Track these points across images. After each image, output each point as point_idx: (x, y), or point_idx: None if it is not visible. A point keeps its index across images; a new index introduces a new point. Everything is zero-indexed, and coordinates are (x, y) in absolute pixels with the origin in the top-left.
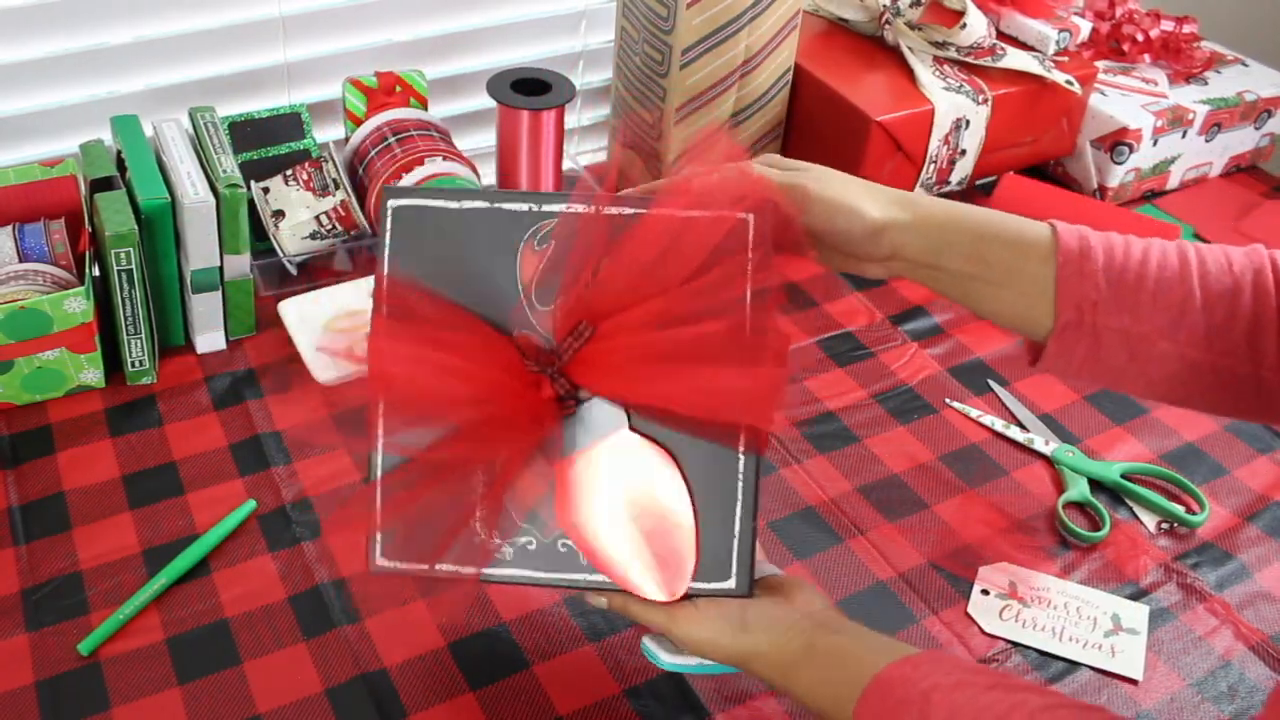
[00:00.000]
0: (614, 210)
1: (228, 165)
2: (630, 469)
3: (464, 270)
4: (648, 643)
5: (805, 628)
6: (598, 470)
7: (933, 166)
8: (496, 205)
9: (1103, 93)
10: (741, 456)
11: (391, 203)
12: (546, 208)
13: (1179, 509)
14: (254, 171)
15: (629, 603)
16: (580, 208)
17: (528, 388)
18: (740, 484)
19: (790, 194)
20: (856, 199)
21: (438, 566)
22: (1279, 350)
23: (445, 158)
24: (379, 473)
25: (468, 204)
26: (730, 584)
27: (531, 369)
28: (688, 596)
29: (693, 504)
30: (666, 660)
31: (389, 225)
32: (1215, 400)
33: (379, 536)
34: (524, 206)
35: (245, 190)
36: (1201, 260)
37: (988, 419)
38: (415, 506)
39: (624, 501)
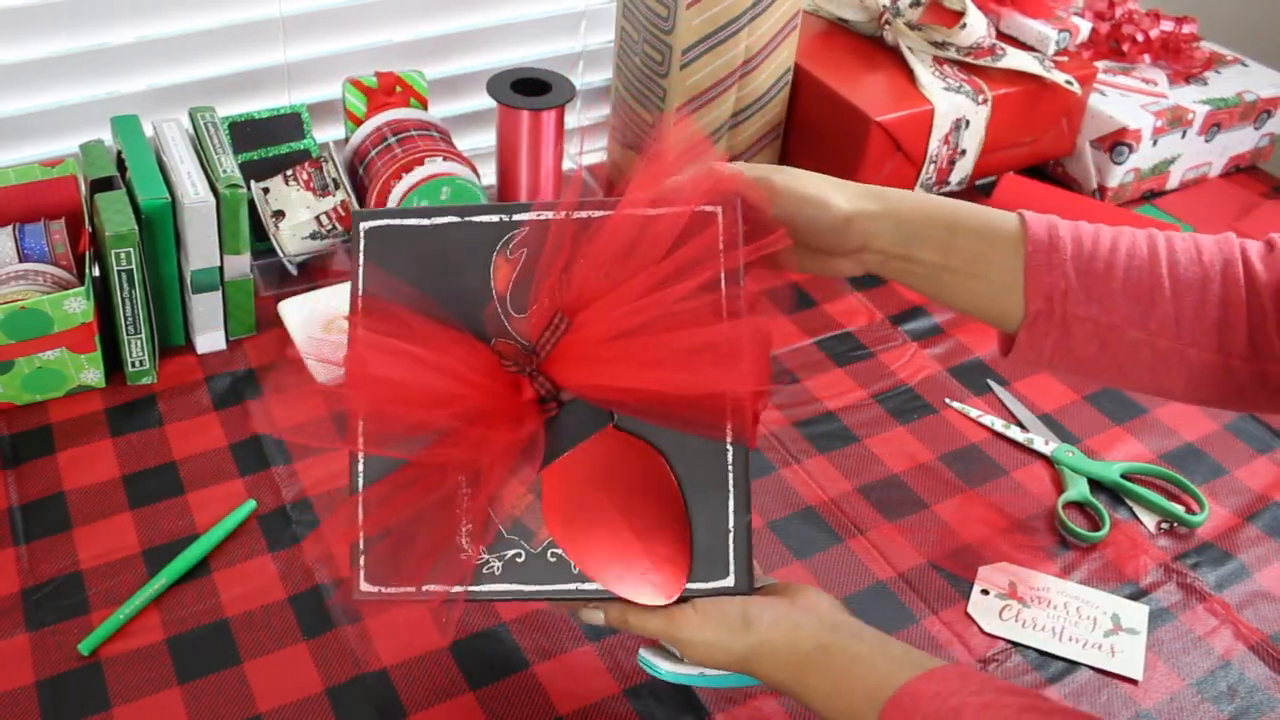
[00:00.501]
0: (582, 214)
1: (228, 165)
2: (617, 468)
3: (439, 285)
4: (645, 654)
5: (816, 629)
6: (584, 472)
7: (933, 167)
8: (467, 219)
9: (1102, 93)
10: (729, 448)
11: (364, 224)
12: (516, 217)
13: (1179, 509)
14: (254, 171)
15: (626, 613)
16: (548, 214)
17: (508, 390)
18: (730, 476)
19: (757, 187)
20: (823, 190)
21: (424, 588)
22: (1248, 339)
23: (445, 158)
24: (361, 484)
25: (438, 220)
26: (729, 581)
27: (510, 369)
28: (686, 599)
29: (684, 502)
30: (666, 671)
31: (362, 247)
32: (1185, 388)
33: (362, 561)
34: (494, 218)
35: (245, 190)
36: (1171, 249)
37: (987, 419)
38: (398, 520)
39: (613, 503)
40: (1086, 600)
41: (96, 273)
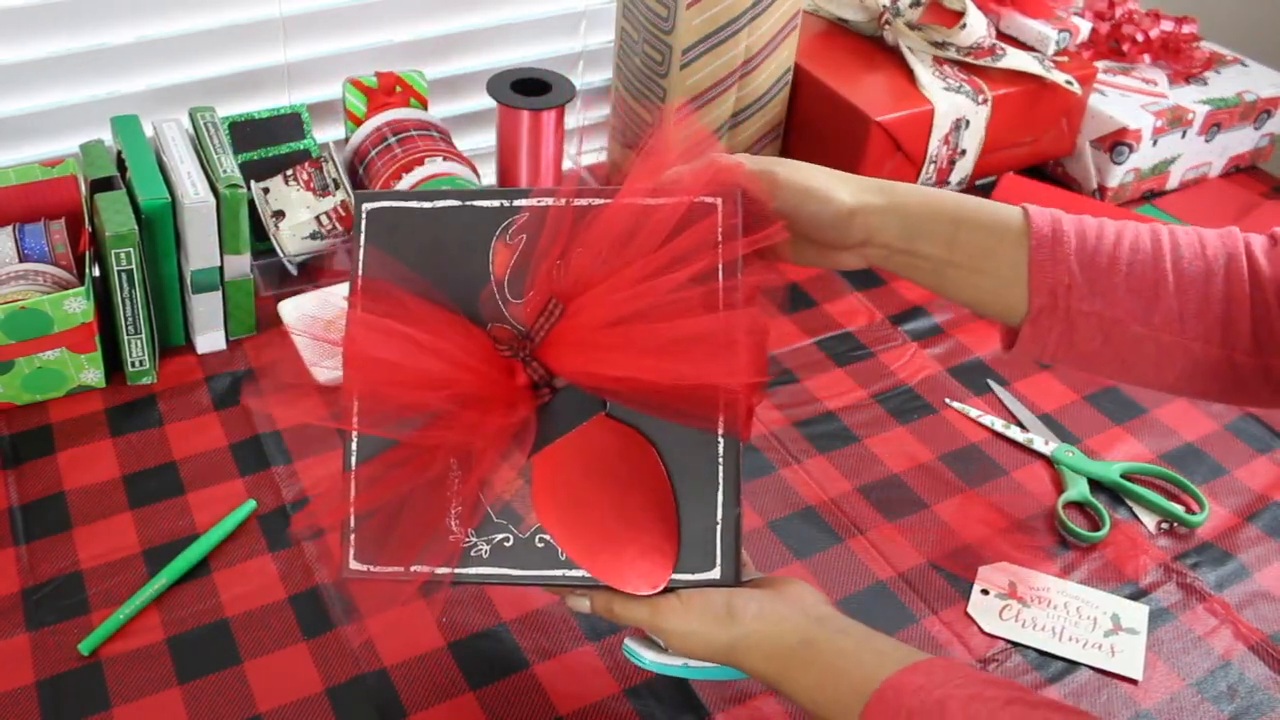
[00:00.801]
0: (582, 202)
1: (228, 165)
2: (607, 457)
3: (438, 268)
4: (630, 643)
5: (801, 623)
6: (574, 459)
7: (933, 167)
8: (468, 203)
9: (1102, 93)
10: (721, 440)
11: (365, 206)
12: (517, 203)
13: (1179, 509)
14: (254, 171)
15: (612, 601)
16: (548, 200)
17: (502, 374)
18: (720, 468)
19: (759, 180)
20: (826, 184)
21: (411, 568)
22: (1252, 334)
23: (445, 158)
24: (354, 462)
25: (439, 203)
26: (715, 574)
27: (504, 354)
28: (672, 590)
29: (673, 492)
30: (650, 660)
31: (363, 228)
32: (1189, 383)
33: (352, 539)
34: (494, 203)
35: (245, 190)
36: (1175, 243)
37: (987, 419)
38: (389, 499)
39: (602, 491)
40: (1086, 600)
41: (96, 273)
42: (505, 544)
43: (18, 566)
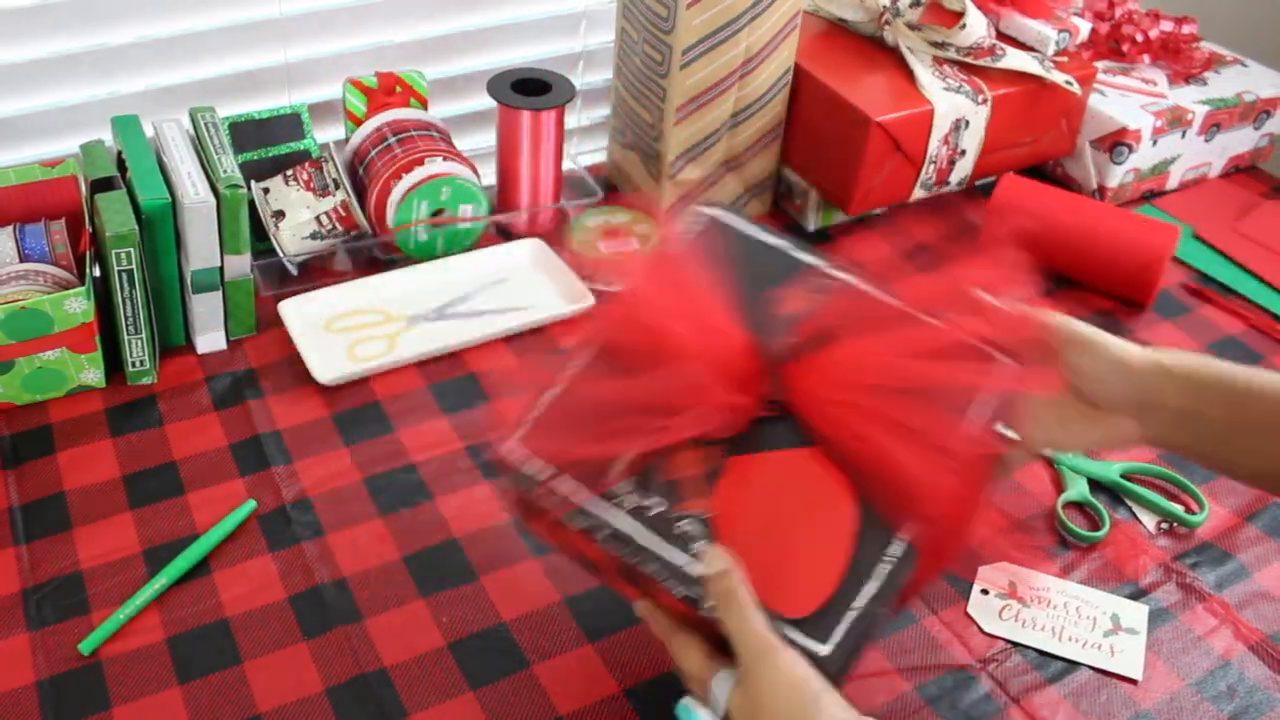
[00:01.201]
0: (882, 296)
1: (228, 165)
2: (803, 485)
3: (736, 285)
4: (690, 705)
5: None
6: (771, 473)
7: (932, 167)
8: (790, 249)
9: (1102, 93)
10: (900, 541)
11: (705, 210)
12: (835, 272)
13: (1178, 509)
14: (254, 171)
15: (733, 599)
16: (868, 288)
17: (745, 374)
18: (885, 564)
19: (1076, 340)
20: (1116, 343)
21: (558, 479)
22: None
23: (445, 158)
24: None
25: (769, 239)
26: (823, 649)
27: (756, 360)
28: (783, 635)
29: (855, 541)
30: None
31: (695, 227)
32: None
33: (532, 418)
34: (814, 260)
35: (245, 190)
36: None
37: None
38: (580, 416)
39: (784, 510)
40: (1086, 600)
41: (97, 273)
42: (649, 509)
43: (18, 566)
